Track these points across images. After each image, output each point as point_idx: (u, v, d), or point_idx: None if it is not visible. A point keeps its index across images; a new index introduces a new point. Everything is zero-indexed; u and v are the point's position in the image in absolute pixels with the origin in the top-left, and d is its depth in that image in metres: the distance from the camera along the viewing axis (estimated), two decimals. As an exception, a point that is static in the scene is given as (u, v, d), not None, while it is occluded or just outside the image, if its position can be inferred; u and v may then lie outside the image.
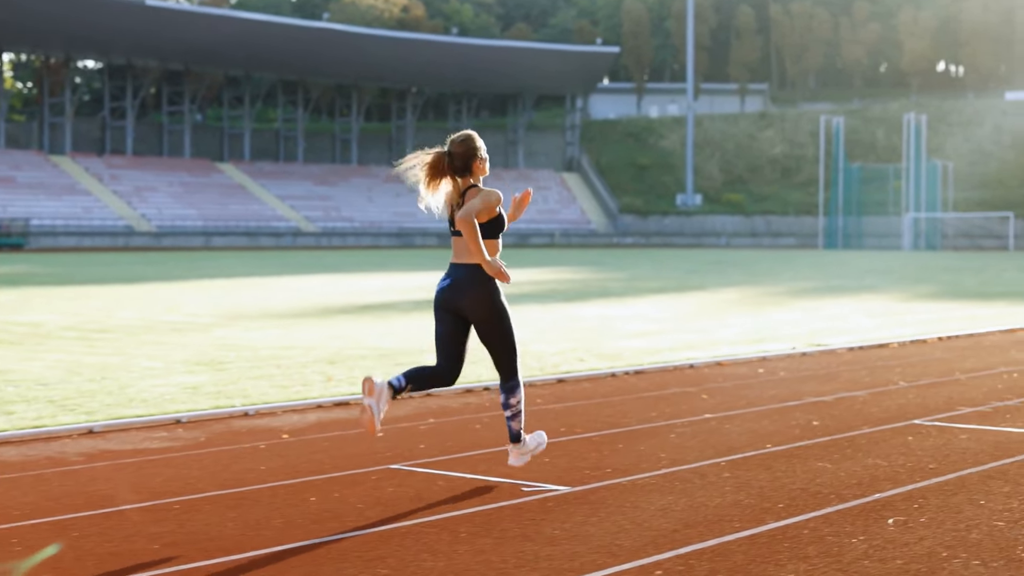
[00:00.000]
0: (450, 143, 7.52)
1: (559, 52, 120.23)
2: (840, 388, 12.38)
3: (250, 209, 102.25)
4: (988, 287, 33.60)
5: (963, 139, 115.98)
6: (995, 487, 7.41)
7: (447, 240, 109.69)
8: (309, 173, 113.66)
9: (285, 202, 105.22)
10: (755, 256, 66.77)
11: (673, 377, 13.37)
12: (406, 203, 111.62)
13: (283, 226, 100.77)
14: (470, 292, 7.41)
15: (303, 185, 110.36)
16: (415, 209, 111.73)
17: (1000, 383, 12.78)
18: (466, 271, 7.42)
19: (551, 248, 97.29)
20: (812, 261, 57.52)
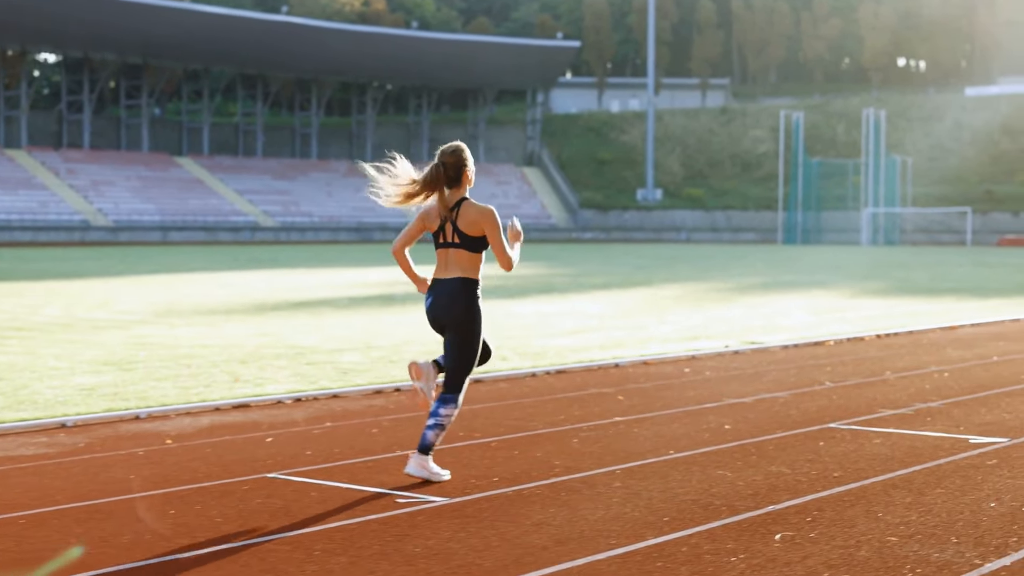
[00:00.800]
0: (441, 154, 7.67)
1: (520, 46, 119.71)
2: (763, 389, 11.99)
3: (208, 203, 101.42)
4: (938, 283, 33.32)
5: (923, 134, 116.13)
6: (897, 497, 7.02)
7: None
8: (268, 167, 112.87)
9: (244, 196, 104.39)
10: (711, 251, 66.48)
11: (595, 377, 12.96)
12: (365, 198, 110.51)
13: (241, 221, 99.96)
14: (451, 303, 7.53)
15: (262, 179, 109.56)
16: (374, 204, 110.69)
17: (928, 383, 12.42)
18: (450, 286, 7.55)
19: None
20: (767, 256, 57.23)
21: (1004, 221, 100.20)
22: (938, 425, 9.68)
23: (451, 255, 7.56)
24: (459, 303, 7.52)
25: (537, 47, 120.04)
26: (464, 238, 7.57)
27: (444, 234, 7.60)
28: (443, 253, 7.61)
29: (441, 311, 7.59)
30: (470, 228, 7.57)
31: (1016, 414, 10.25)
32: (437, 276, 7.64)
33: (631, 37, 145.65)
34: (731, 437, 9.13)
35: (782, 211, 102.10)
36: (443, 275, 7.60)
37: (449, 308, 7.54)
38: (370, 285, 30.58)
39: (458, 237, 7.57)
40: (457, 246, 7.57)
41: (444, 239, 7.60)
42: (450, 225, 7.56)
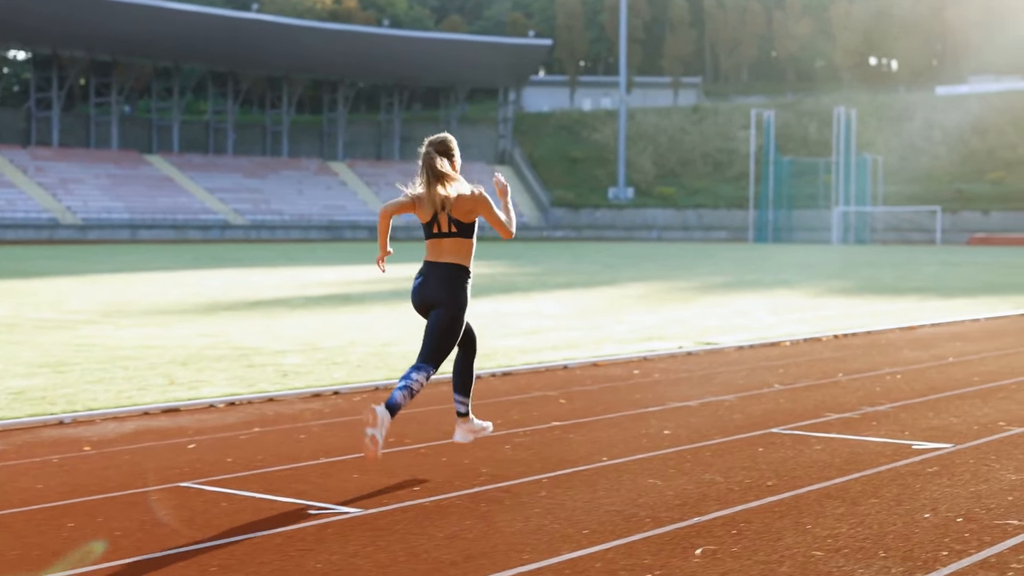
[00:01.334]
0: (429, 144, 7.79)
1: (491, 45, 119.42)
2: (711, 392, 11.73)
3: (178, 202, 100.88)
4: (903, 282, 33.17)
5: (894, 133, 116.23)
6: (829, 508, 6.76)
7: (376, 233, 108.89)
8: (239, 165, 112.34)
9: (214, 195, 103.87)
10: (681, 250, 66.30)
11: (541, 380, 12.68)
12: (336, 196, 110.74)
13: (211, 219, 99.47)
14: (442, 286, 7.69)
15: (232, 177, 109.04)
16: (345, 202, 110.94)
17: (880, 386, 12.18)
18: (444, 270, 7.73)
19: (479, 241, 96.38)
20: (735, 255, 57.08)
21: (974, 220, 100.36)
22: (883, 430, 9.43)
23: (446, 244, 7.73)
24: (451, 286, 7.70)
25: (509, 45, 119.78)
26: (461, 227, 7.73)
27: (438, 224, 7.73)
28: (436, 243, 7.77)
29: (431, 292, 7.74)
30: (465, 216, 7.73)
31: (964, 418, 10.01)
32: (430, 260, 7.79)
33: (603, 35, 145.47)
34: (669, 443, 8.87)
35: (753, 210, 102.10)
36: (436, 259, 7.76)
37: (439, 290, 7.70)
38: (329, 284, 30.25)
39: (454, 226, 7.72)
40: (454, 235, 7.73)
41: (439, 229, 7.74)
42: (444, 216, 7.70)
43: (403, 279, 32.43)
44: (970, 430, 9.41)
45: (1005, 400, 11.11)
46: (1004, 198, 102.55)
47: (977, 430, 9.41)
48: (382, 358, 14.11)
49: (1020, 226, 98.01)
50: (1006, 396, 11.39)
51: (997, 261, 51.08)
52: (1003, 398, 11.26)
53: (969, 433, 9.26)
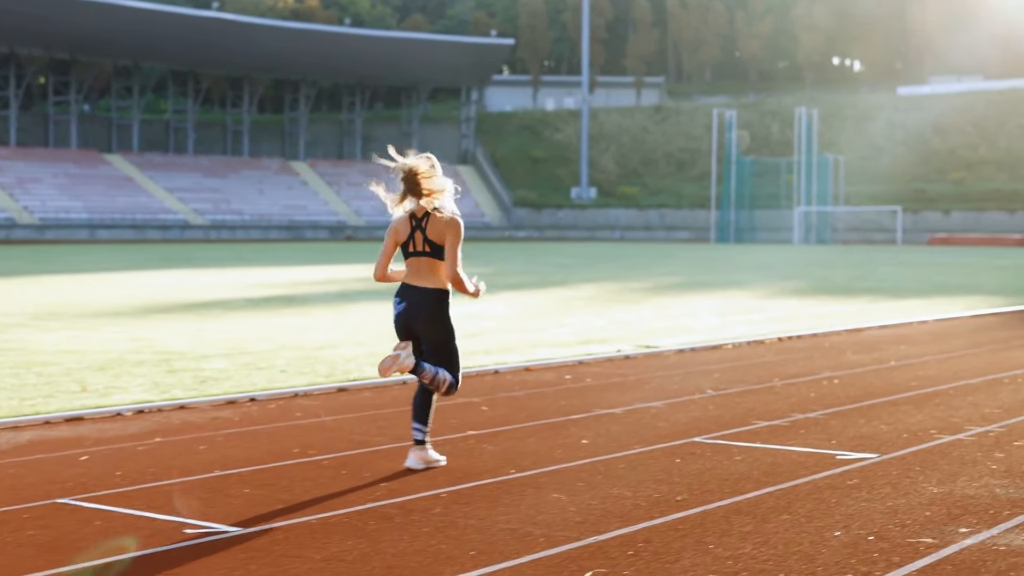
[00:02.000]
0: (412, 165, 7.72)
1: (454, 44, 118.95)
2: (640, 398, 11.37)
3: (138, 201, 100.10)
4: (857, 283, 32.93)
5: (856, 133, 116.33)
6: (737, 525, 6.40)
7: (338, 233, 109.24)
8: (199, 165, 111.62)
9: (174, 194, 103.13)
10: (641, 250, 66.02)
11: (469, 385, 12.28)
12: (297, 195, 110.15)
13: (171, 219, 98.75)
14: (425, 313, 7.73)
15: (192, 177, 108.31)
16: (306, 201, 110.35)
17: (815, 391, 11.85)
18: (421, 294, 7.74)
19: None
20: (694, 255, 56.86)
21: (935, 220, 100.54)
22: (810, 439, 9.09)
23: (422, 263, 7.74)
24: (434, 313, 7.77)
25: (471, 45, 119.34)
26: (434, 247, 7.75)
27: (414, 243, 7.75)
28: (414, 262, 7.78)
29: (413, 318, 7.77)
30: (438, 237, 7.75)
31: (894, 426, 9.68)
32: (409, 282, 7.80)
33: (566, 35, 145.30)
34: (585, 453, 8.50)
35: (715, 210, 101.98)
36: (416, 282, 7.77)
37: (423, 317, 7.76)
38: (276, 286, 29.77)
39: (428, 246, 7.74)
40: (427, 254, 7.73)
41: (414, 248, 7.75)
42: (419, 234, 7.73)
43: (352, 280, 32.08)
44: (899, 439, 9.08)
45: (940, 406, 10.78)
46: (965, 198, 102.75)
47: (906, 439, 9.09)
48: (310, 363, 13.72)
49: (981, 226, 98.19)
50: (942, 402, 11.08)
51: (954, 261, 50.98)
52: (938, 404, 10.94)
53: (897, 442, 8.94)
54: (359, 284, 30.16)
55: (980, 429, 9.53)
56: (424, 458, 7.97)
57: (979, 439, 9.09)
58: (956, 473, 7.79)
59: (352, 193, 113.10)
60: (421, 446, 7.96)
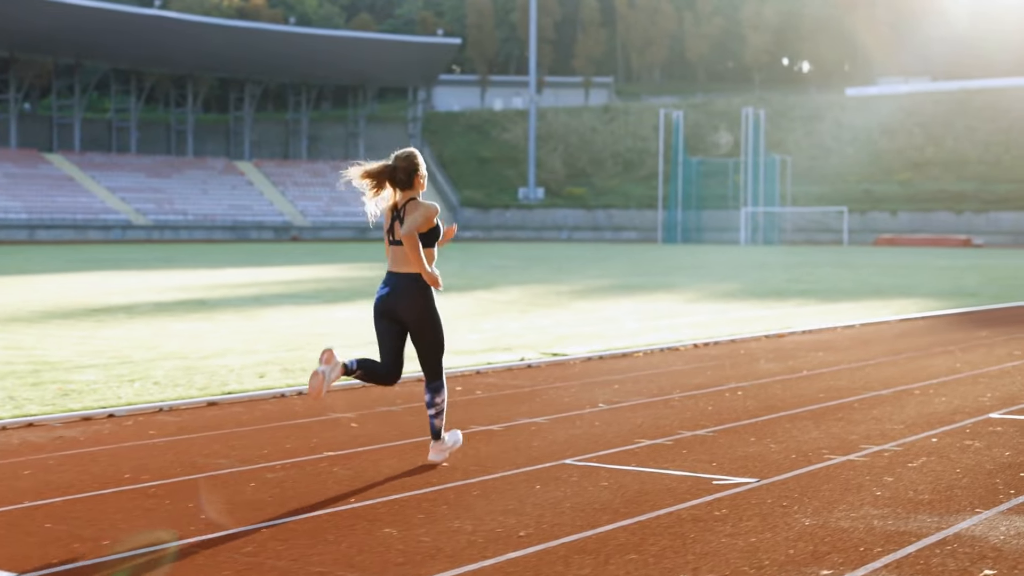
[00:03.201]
0: (395, 158, 8.14)
1: (400, 43, 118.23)
2: (526, 412, 10.67)
3: (79, 201, 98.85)
4: (792, 285, 32.38)
5: (804, 134, 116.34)
6: (575, 567, 5.72)
7: (283, 234, 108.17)
8: (142, 164, 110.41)
9: (116, 194, 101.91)
10: (583, 251, 65.40)
11: (347, 399, 11.57)
12: (242, 196, 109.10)
13: (112, 219, 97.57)
14: (407, 299, 7.98)
15: (135, 177, 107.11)
16: (251, 202, 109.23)
17: (715, 404, 11.20)
18: (405, 280, 8.02)
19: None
20: (635, 256, 56.28)
21: (882, 220, 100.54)
22: (691, 460, 8.43)
23: (401, 251, 8.02)
24: (416, 299, 8.00)
25: (417, 44, 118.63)
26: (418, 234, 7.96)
27: (394, 232, 8.07)
28: (395, 250, 8.08)
29: (395, 303, 8.02)
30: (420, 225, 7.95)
31: (785, 445, 9.03)
32: (392, 270, 8.10)
33: (515, 35, 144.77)
34: (440, 479, 7.80)
35: (662, 210, 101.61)
36: (397, 269, 8.05)
37: (406, 303, 8.00)
38: (192, 288, 28.89)
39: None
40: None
41: (394, 237, 8.07)
42: (399, 224, 8.01)
43: (275, 283, 31.24)
44: (786, 460, 8.43)
45: (840, 422, 10.15)
46: (912, 199, 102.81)
47: (794, 460, 8.44)
48: (190, 374, 12.95)
49: (928, 226, 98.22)
50: (843, 416, 10.44)
51: (895, 263, 50.61)
52: (839, 419, 10.30)
53: (783, 464, 8.28)
54: (280, 287, 29.36)
55: (875, 448, 8.90)
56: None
57: (872, 460, 8.46)
58: (835, 502, 7.14)
59: (298, 193, 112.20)
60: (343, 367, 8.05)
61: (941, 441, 9.23)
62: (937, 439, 9.32)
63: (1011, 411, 10.79)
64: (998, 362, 14.81)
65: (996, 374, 13.61)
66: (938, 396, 11.77)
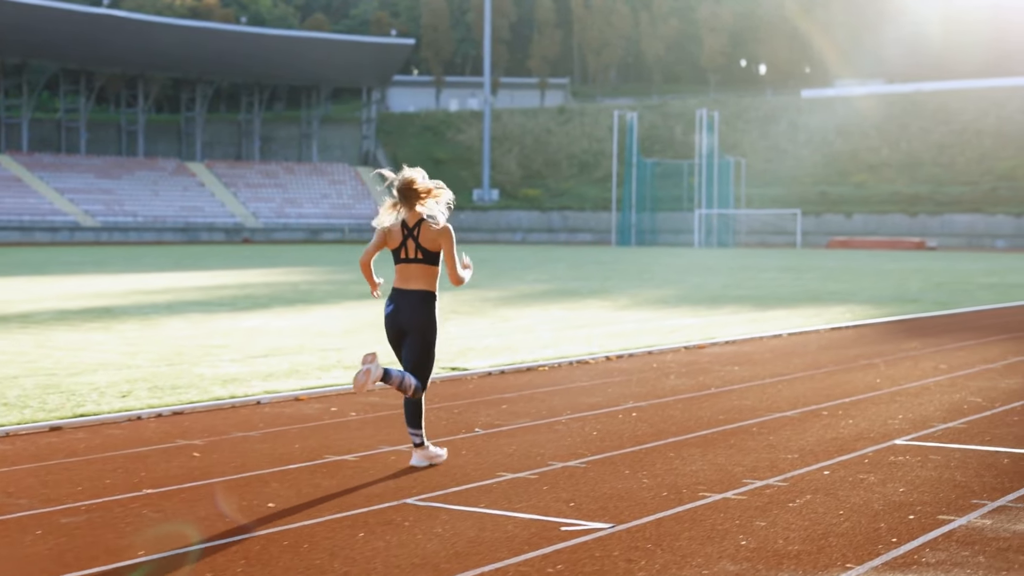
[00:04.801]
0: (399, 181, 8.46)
1: (353, 43, 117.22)
2: (388, 440, 9.76)
3: (26, 203, 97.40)
4: (730, 291, 31.55)
5: (760, 136, 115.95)
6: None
7: (234, 235, 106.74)
8: (92, 165, 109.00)
9: (64, 195, 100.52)
10: (532, 253, 64.53)
11: (212, 420, 10.65)
12: (193, 197, 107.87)
13: (60, 220, 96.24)
14: (413, 313, 8.38)
15: (84, 178, 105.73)
16: (202, 203, 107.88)
17: (602, 428, 10.33)
18: (411, 296, 8.42)
19: (339, 244, 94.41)
20: (581, 259, 55.43)
21: (837, 223, 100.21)
22: (548, 499, 7.55)
23: (412, 269, 8.40)
24: (422, 312, 8.39)
25: (371, 44, 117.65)
26: (426, 253, 8.40)
27: (406, 250, 8.42)
28: (404, 268, 8.44)
29: (404, 318, 8.39)
30: (431, 244, 8.38)
31: (660, 480, 8.17)
32: (399, 287, 8.46)
33: (470, 36, 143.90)
34: (258, 522, 6.89)
35: (616, 212, 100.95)
36: (405, 286, 8.42)
37: (412, 316, 8.37)
38: (105, 295, 27.77)
39: (420, 253, 8.38)
40: (419, 261, 8.38)
41: (406, 255, 8.43)
42: (412, 242, 8.36)
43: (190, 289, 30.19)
44: (654, 499, 7.57)
45: (730, 450, 9.29)
46: (866, 201, 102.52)
47: (664, 498, 7.58)
48: (48, 392, 11.99)
49: (882, 229, 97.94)
50: (735, 443, 9.59)
51: (843, 266, 49.97)
52: (730, 446, 9.45)
53: (649, 504, 7.42)
54: (199, 294, 28.34)
55: (759, 483, 8.05)
56: (426, 455, 8.62)
57: (750, 498, 7.61)
58: (690, 555, 6.28)
59: (250, 195, 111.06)
60: (421, 447, 8.57)
61: (834, 474, 8.40)
62: (830, 471, 8.50)
63: (919, 436, 9.98)
64: (920, 377, 14.03)
65: (915, 392, 12.82)
66: (846, 418, 10.95)
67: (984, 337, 19.18)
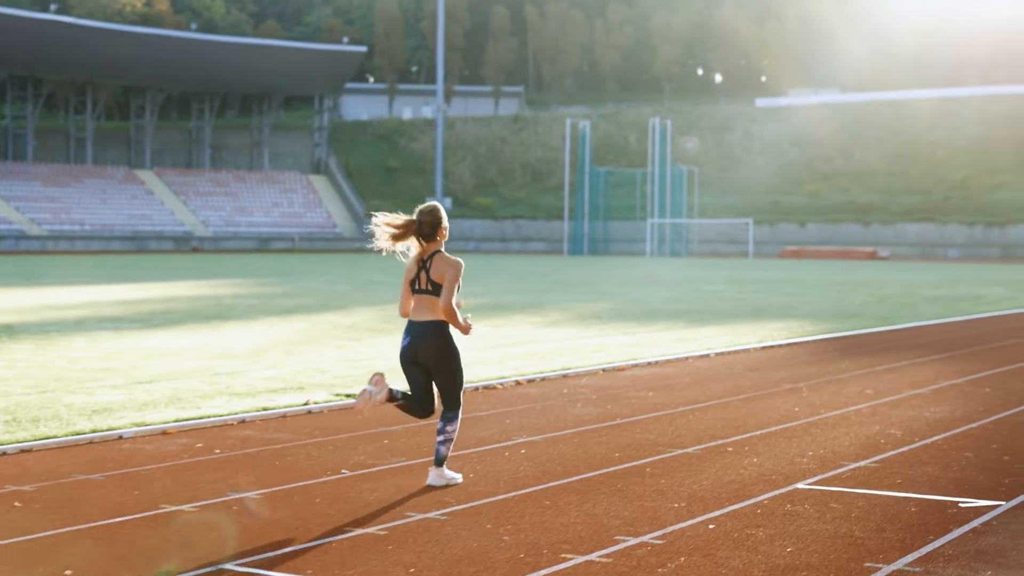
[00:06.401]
0: (419, 212, 8.66)
1: (305, 51, 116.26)
2: (242, 483, 8.82)
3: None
4: (669, 304, 30.68)
5: (714, 144, 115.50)
6: None
7: (183, 244, 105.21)
8: (39, 173, 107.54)
9: (10, 203, 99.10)
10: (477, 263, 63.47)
11: (46, 463, 9.66)
12: (142, 205, 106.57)
13: (5, 229, 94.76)
14: (428, 345, 8.52)
15: (31, 185, 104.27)
16: (151, 211, 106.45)
17: (480, 469, 9.42)
18: (426, 327, 8.54)
19: (288, 253, 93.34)
20: (527, 269, 54.53)
21: (791, 232, 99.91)
22: (387, 562, 6.65)
23: (425, 300, 8.52)
24: (437, 343, 8.53)
25: (323, 52, 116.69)
26: (435, 286, 8.52)
27: (419, 281, 8.59)
28: (419, 298, 8.59)
29: (420, 352, 8.55)
30: (439, 277, 8.51)
31: (521, 536, 7.25)
32: (413, 319, 8.62)
33: (424, 43, 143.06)
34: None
35: (568, 221, 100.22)
36: (419, 318, 8.58)
37: (428, 348, 8.52)
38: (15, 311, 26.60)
39: (430, 284, 8.54)
40: (430, 292, 8.51)
41: (419, 286, 8.60)
42: (424, 274, 8.56)
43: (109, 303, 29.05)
44: (505, 564, 6.66)
45: (612, 497, 8.40)
46: (820, 210, 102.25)
47: (517, 562, 6.67)
48: None
49: (836, 238, 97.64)
50: (621, 488, 8.71)
51: (790, 277, 49.30)
52: (614, 492, 8.57)
53: (496, 571, 6.51)
54: (117, 309, 27.23)
55: (632, 541, 7.16)
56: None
57: (615, 562, 6.73)
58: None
59: (200, 203, 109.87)
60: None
61: (719, 528, 7.52)
62: (716, 524, 7.62)
63: (824, 479, 9.12)
64: (842, 405, 13.20)
65: (832, 422, 11.98)
66: (751, 455, 10.10)
67: (918, 357, 18.41)
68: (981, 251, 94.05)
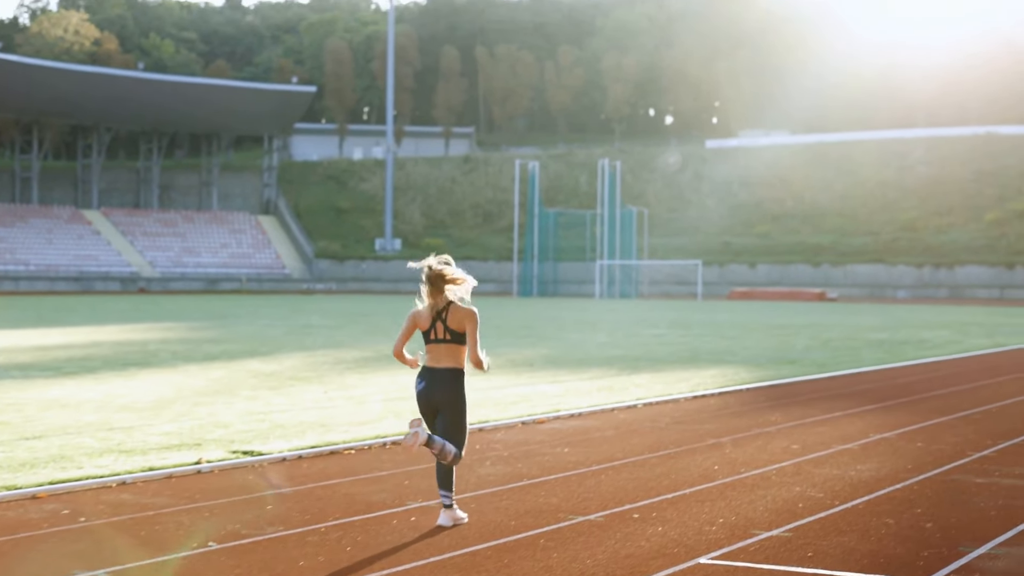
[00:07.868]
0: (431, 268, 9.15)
1: (254, 91, 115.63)
2: (110, 559, 8.08)
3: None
4: (604, 351, 29.94)
5: (664, 186, 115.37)
6: None
7: (130, 285, 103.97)
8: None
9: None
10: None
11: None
12: (89, 245, 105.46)
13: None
14: (444, 389, 8.98)
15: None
16: (98, 252, 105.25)
17: (360, 541, 8.69)
18: (441, 373, 8.99)
19: (236, 294, 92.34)
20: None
21: (741, 273, 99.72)
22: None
23: (441, 349, 8.95)
24: (451, 389, 8.97)
25: (272, 92, 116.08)
26: (453, 334, 8.96)
27: (435, 331, 8.99)
28: (434, 347, 8.99)
29: (436, 395, 8.96)
30: (458, 326, 8.96)
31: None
32: (430, 365, 8.99)
33: (374, 84, 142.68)
34: None
35: (518, 262, 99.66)
36: (435, 365, 8.96)
37: (443, 394, 8.95)
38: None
39: (448, 334, 8.95)
40: (448, 341, 8.95)
41: (435, 336, 8.99)
42: (440, 324, 8.97)
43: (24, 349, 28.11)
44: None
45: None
46: (770, 251, 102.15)
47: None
48: None
49: (786, 279, 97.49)
50: (508, 565, 8.00)
51: (735, 320, 48.78)
52: (499, 571, 7.86)
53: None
54: (30, 355, 26.29)
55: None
56: (453, 517, 9.17)
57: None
58: None
59: (147, 243, 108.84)
60: (449, 509, 9.17)
61: (602, 614, 6.82)
62: (600, 610, 6.92)
63: (730, 551, 8.45)
64: (765, 463, 12.55)
65: (751, 483, 11.32)
66: (657, 524, 9.40)
67: (852, 407, 17.80)
68: (930, 292, 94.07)
